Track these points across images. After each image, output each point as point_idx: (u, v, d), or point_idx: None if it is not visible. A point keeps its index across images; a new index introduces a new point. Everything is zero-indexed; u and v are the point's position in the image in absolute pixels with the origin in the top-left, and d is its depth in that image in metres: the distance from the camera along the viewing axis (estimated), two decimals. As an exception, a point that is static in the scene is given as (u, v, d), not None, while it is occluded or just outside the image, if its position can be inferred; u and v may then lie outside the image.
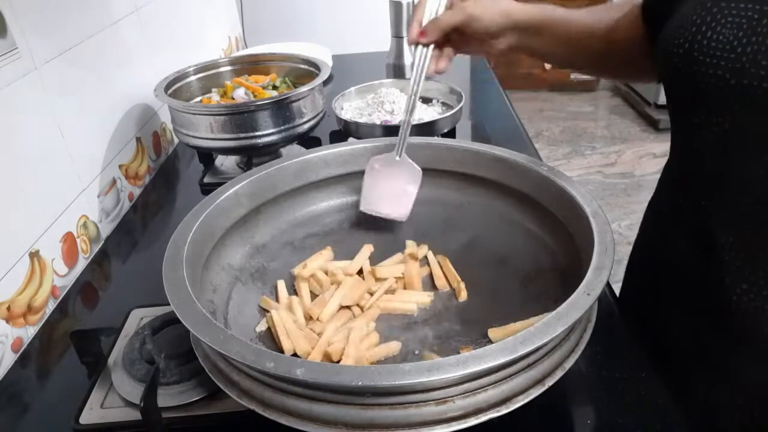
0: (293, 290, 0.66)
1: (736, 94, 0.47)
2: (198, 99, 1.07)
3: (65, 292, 0.78)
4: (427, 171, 0.75)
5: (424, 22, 0.66)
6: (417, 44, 0.66)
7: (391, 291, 0.64)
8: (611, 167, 2.87)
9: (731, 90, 0.47)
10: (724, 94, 0.48)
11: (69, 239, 0.80)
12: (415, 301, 0.62)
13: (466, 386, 0.44)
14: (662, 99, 3.04)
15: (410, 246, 0.69)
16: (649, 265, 0.69)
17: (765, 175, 0.49)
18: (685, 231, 0.59)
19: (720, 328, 0.56)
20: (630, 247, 0.74)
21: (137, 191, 1.02)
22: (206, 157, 1.10)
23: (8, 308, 0.68)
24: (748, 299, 0.53)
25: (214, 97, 1.05)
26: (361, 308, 0.62)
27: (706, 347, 0.58)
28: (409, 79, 0.68)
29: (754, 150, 0.49)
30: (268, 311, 0.62)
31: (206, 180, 1.04)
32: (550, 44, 0.68)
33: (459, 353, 0.47)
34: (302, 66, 1.10)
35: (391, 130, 1.00)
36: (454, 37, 0.67)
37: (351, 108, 1.11)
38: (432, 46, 0.67)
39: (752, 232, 0.51)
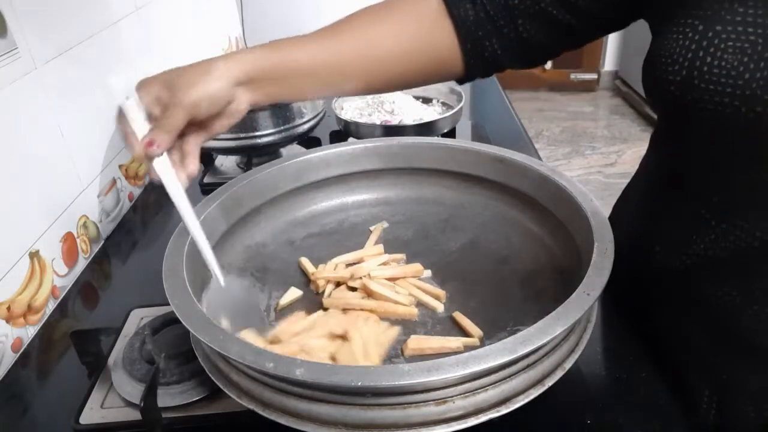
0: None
1: (747, 122, 0.45)
2: (198, 99, 1.06)
3: (65, 292, 0.78)
4: (427, 171, 0.75)
5: (141, 133, 0.52)
6: (151, 159, 0.52)
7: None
8: (611, 167, 2.87)
9: (742, 117, 0.45)
10: (733, 122, 0.46)
11: (69, 239, 0.80)
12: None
13: (466, 386, 0.44)
14: (662, 99, 3.03)
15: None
16: (639, 277, 0.65)
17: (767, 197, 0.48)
18: (687, 252, 0.56)
19: (730, 347, 0.56)
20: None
21: (137, 191, 1.02)
22: (206, 157, 1.10)
23: (8, 308, 0.68)
24: (764, 318, 0.52)
25: (214, 97, 1.05)
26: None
27: (714, 364, 0.57)
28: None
29: (758, 174, 0.48)
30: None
31: (206, 180, 1.04)
32: (296, 86, 0.59)
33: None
34: (302, 66, 1.09)
35: (391, 130, 1.00)
36: (189, 128, 0.54)
37: (351, 108, 1.11)
38: (165, 156, 0.53)
39: (761, 254, 0.50)
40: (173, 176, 0.53)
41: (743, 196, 0.50)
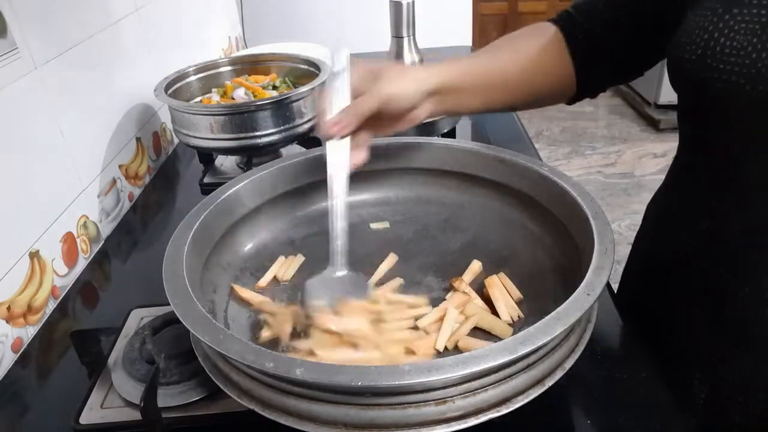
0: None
1: (751, 100, 0.47)
2: (198, 99, 1.06)
3: (65, 292, 0.78)
4: (427, 171, 0.75)
5: (334, 112, 0.57)
6: (331, 138, 0.57)
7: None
8: (611, 167, 2.87)
9: (746, 96, 0.47)
10: (739, 100, 0.47)
11: (69, 239, 0.80)
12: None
13: (466, 386, 0.44)
14: (662, 99, 3.03)
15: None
16: (650, 266, 0.68)
17: None
18: (692, 233, 0.58)
19: (722, 330, 0.56)
20: (630, 248, 0.74)
21: (137, 191, 1.02)
22: (206, 157, 1.10)
23: (8, 308, 0.68)
24: (754, 303, 0.53)
25: (214, 97, 1.05)
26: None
27: (707, 348, 0.58)
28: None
29: (766, 155, 0.49)
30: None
31: (206, 180, 1.04)
32: (469, 99, 0.65)
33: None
34: (302, 66, 1.10)
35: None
36: (367, 122, 0.58)
37: (351, 108, 1.11)
38: (348, 139, 0.58)
39: (761, 236, 0.51)
40: (342, 161, 0.58)
41: (752, 177, 0.51)
